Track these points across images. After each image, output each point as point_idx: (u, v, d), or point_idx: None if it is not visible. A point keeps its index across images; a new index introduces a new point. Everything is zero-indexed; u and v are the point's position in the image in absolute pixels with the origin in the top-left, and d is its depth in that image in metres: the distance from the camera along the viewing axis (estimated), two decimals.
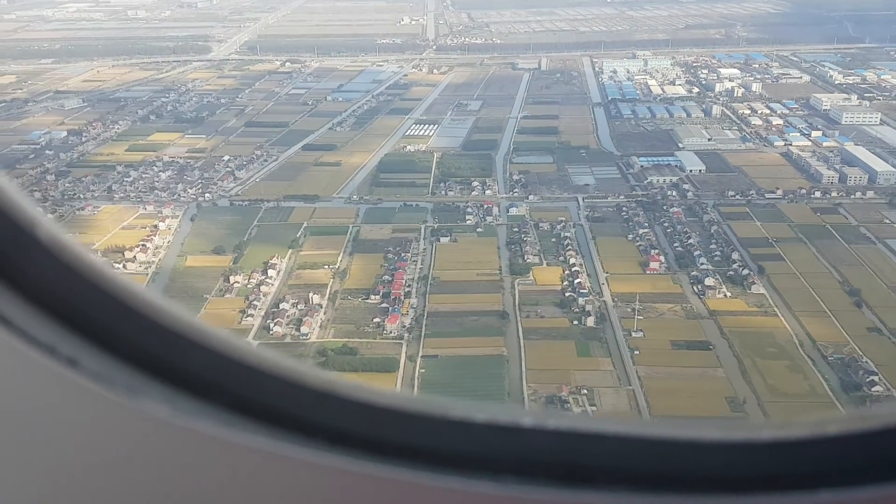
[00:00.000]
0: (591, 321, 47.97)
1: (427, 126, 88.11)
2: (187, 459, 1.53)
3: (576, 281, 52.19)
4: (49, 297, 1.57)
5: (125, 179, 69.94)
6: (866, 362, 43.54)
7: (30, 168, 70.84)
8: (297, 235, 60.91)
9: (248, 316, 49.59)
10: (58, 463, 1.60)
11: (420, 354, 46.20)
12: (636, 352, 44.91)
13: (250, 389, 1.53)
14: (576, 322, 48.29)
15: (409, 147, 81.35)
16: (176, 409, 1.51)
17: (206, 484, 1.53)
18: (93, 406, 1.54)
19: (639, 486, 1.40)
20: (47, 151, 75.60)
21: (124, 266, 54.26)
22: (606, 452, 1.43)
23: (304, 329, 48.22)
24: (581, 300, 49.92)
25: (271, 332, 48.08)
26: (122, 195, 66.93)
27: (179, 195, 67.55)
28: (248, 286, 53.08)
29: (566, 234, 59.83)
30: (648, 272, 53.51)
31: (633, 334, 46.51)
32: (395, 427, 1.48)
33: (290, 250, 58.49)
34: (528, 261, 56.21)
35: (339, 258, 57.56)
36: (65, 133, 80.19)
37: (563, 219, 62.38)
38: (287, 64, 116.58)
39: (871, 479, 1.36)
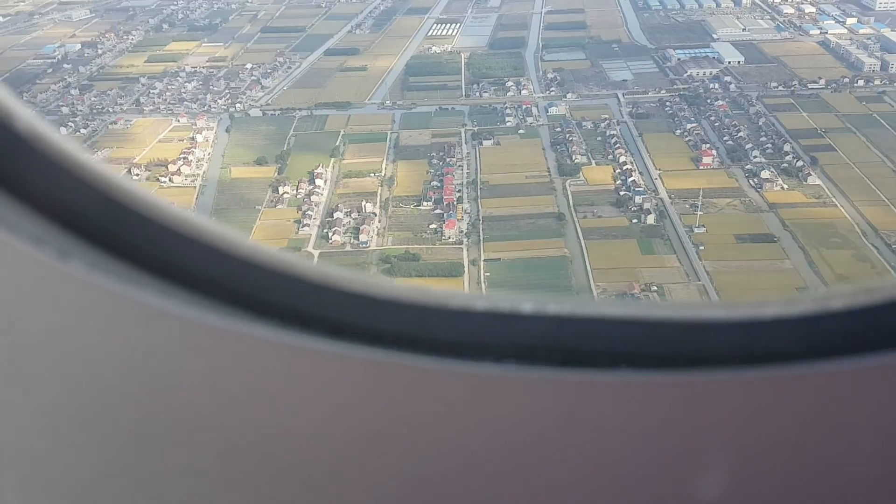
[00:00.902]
0: (650, 219, 47.81)
1: (449, 25, 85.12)
2: (185, 348, 1.52)
3: (629, 179, 51.69)
4: (32, 190, 1.49)
5: (151, 91, 67.96)
6: None
7: (51, 83, 68.68)
8: (337, 144, 59.78)
9: (303, 226, 49.31)
10: (52, 352, 1.57)
11: (482, 259, 46.28)
12: (701, 247, 44.95)
13: (246, 283, 1.50)
14: (635, 220, 48.13)
15: (434, 48, 78.92)
16: (173, 301, 1.48)
17: (205, 371, 1.52)
18: (85, 296, 1.51)
19: (640, 365, 1.40)
20: (65, 65, 73.11)
21: (170, 179, 53.59)
22: (607, 336, 1.42)
23: (362, 237, 48.04)
24: (638, 198, 49.59)
25: (330, 242, 47.91)
26: (151, 108, 65.20)
27: (209, 106, 65.82)
28: (298, 196, 52.52)
29: (611, 132, 58.79)
30: (702, 167, 52.94)
31: (696, 230, 46.45)
32: (396, 317, 1.47)
33: (333, 159, 57.56)
34: (577, 161, 55.49)
35: (384, 165, 56.77)
36: (79, 46, 77.24)
37: (606, 116, 61.16)
38: None
39: (868, 349, 1.35)
